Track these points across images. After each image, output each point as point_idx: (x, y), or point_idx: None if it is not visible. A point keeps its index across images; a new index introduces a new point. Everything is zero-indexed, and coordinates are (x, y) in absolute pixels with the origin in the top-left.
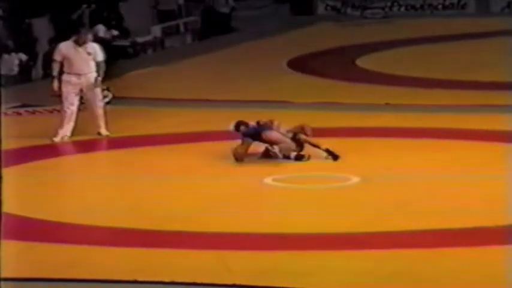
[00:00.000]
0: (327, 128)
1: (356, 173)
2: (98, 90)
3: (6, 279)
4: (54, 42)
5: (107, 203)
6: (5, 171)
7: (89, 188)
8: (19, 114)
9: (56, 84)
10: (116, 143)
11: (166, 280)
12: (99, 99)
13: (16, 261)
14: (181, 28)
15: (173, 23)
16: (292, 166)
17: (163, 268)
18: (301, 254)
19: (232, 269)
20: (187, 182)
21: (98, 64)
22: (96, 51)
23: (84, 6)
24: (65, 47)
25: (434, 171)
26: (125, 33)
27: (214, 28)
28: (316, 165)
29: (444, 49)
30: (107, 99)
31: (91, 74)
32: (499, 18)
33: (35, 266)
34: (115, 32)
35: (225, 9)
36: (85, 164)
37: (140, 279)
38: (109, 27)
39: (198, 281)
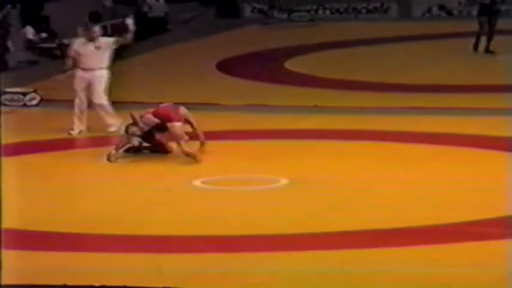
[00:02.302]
0: (256, 130)
1: (285, 174)
2: (100, 90)
3: None
4: None
5: (34, 206)
6: None
7: (16, 191)
8: None
9: (61, 77)
10: (43, 146)
11: (97, 284)
12: (97, 98)
13: None
14: (109, 30)
15: (100, 24)
16: (222, 168)
17: (94, 272)
18: (232, 256)
19: (162, 272)
20: (116, 184)
21: (116, 41)
22: (108, 41)
23: (9, 6)
24: (77, 43)
25: (363, 172)
26: (51, 34)
27: (150, 31)
28: (244, 167)
29: (370, 52)
30: (34, 102)
31: (99, 70)
32: (421, 23)
33: None
34: (44, 35)
35: (159, 13)
36: (11, 168)
37: (69, 283)
38: (37, 28)
39: (129, 284)
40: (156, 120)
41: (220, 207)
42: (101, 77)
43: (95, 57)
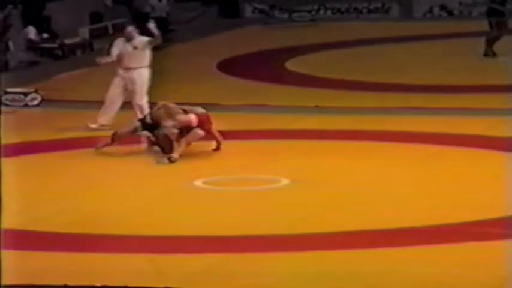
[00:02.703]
0: (256, 130)
1: (285, 175)
2: (142, 90)
3: None
4: None
5: (34, 207)
6: None
7: (16, 192)
8: None
9: (103, 59)
10: (44, 146)
11: (98, 284)
12: (139, 98)
13: None
14: (110, 30)
15: (101, 24)
16: (223, 168)
17: (95, 272)
18: (233, 257)
19: (163, 272)
20: (117, 185)
21: (151, 41)
22: (144, 41)
23: (11, 6)
24: (118, 42)
25: (365, 173)
26: (53, 34)
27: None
28: (245, 167)
29: (371, 52)
30: (35, 102)
31: (139, 69)
32: (422, 23)
33: None
34: (45, 35)
35: (161, 14)
36: (12, 168)
37: (70, 283)
38: (38, 28)
39: (130, 284)
40: (194, 126)
41: (221, 208)
42: (141, 76)
43: (133, 57)
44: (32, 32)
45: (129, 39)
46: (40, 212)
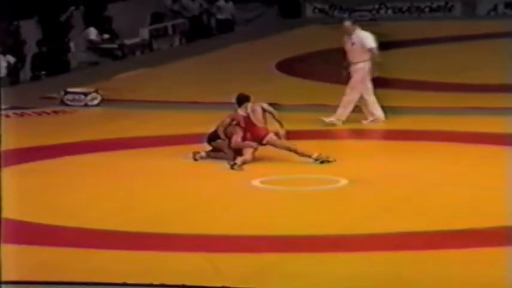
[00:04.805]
0: (316, 130)
1: (344, 175)
2: (352, 82)
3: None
4: (42, 44)
5: (95, 205)
6: None
7: (76, 190)
8: (7, 116)
9: (343, 72)
10: (104, 145)
11: (156, 283)
12: (366, 92)
13: (6, 264)
14: (169, 30)
15: (161, 25)
16: (280, 168)
17: (153, 270)
18: (290, 257)
19: (221, 271)
20: (176, 184)
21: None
22: (362, 40)
23: (72, 8)
24: (345, 38)
25: (424, 173)
26: (113, 35)
27: (218, 30)
28: (304, 167)
29: (432, 51)
30: (95, 102)
31: (359, 64)
32: (485, 21)
33: (24, 268)
34: (106, 36)
35: (227, 15)
36: (72, 167)
37: (130, 281)
38: (99, 29)
39: (188, 283)
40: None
41: (279, 207)
42: (357, 70)
43: (352, 52)
44: (93, 32)
45: (349, 34)
46: (99, 210)
